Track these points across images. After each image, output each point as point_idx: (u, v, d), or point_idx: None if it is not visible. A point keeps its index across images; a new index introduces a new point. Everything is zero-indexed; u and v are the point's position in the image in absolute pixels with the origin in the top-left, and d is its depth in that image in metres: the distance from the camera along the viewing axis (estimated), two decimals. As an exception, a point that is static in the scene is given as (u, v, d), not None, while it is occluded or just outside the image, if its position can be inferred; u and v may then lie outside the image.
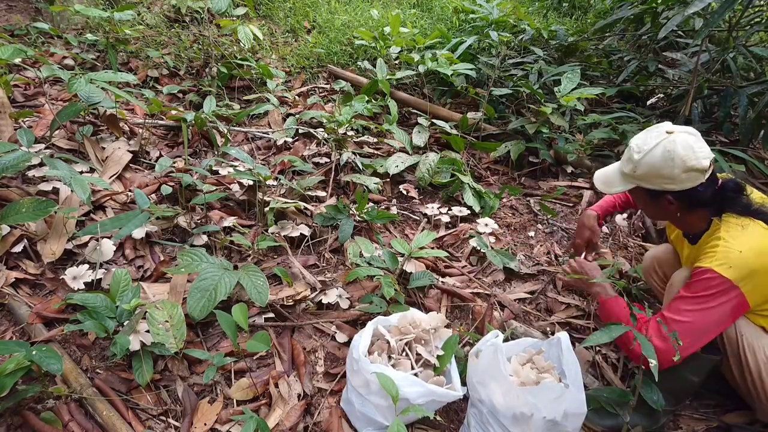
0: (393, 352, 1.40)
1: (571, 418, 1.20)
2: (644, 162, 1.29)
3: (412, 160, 2.48)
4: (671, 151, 1.25)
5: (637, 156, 1.30)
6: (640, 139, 1.32)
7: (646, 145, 1.29)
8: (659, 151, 1.26)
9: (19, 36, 2.64)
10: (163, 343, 1.30)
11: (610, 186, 1.43)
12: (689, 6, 2.09)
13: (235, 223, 1.93)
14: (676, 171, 1.25)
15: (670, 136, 1.27)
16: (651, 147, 1.28)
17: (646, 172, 1.30)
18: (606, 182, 1.45)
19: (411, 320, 1.45)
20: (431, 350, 1.42)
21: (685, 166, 1.24)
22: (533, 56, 3.18)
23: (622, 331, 1.21)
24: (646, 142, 1.29)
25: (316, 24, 3.50)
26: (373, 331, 1.40)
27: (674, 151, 1.25)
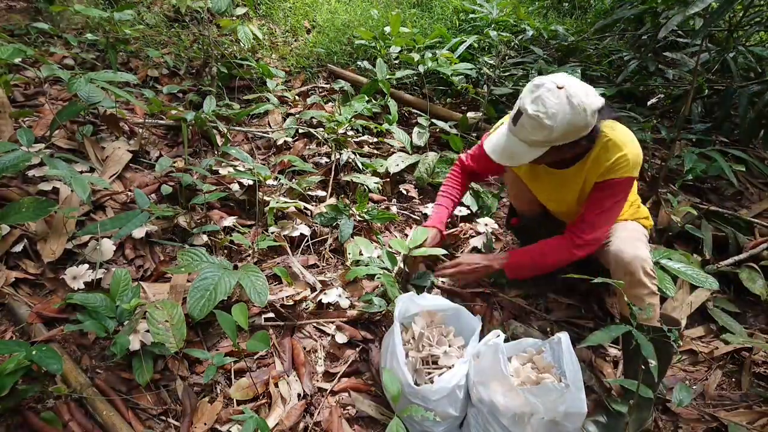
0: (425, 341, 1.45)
1: (572, 418, 1.20)
2: (558, 124, 1.27)
3: (412, 159, 2.48)
4: (579, 103, 1.27)
5: (549, 122, 1.27)
6: (539, 105, 1.28)
7: (551, 108, 1.26)
8: (568, 108, 1.26)
9: (19, 36, 2.63)
10: (163, 342, 1.30)
11: (519, 158, 1.39)
12: (690, 6, 2.09)
13: (235, 222, 1.93)
14: (588, 118, 1.29)
15: (565, 90, 1.27)
16: (558, 107, 1.26)
17: (563, 132, 1.29)
18: (511, 156, 1.39)
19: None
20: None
21: (593, 109, 1.29)
22: (533, 56, 3.18)
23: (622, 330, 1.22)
24: (549, 105, 1.26)
25: (316, 24, 3.50)
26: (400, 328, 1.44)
27: (582, 102, 1.27)
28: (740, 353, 1.83)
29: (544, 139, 1.31)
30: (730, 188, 2.68)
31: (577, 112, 1.27)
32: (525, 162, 1.40)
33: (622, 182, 1.43)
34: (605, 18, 3.39)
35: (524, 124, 1.31)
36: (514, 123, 1.34)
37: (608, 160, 1.41)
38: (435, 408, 1.28)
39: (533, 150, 1.35)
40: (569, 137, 1.32)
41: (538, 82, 1.31)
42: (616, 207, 1.48)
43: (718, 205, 2.52)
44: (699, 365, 1.80)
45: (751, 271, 2.02)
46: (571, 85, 1.28)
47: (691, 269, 1.59)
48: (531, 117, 1.28)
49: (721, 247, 2.24)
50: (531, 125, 1.30)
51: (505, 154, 1.40)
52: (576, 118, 1.27)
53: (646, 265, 1.43)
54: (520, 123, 1.32)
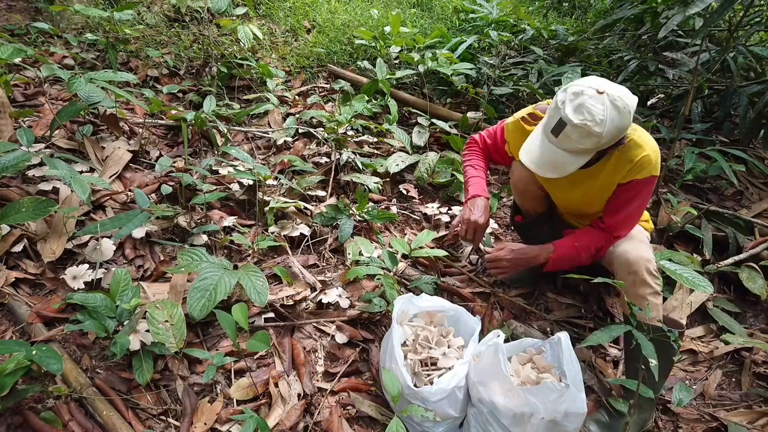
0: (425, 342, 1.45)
1: (572, 418, 1.20)
2: (608, 129, 1.25)
3: (412, 159, 2.48)
4: (624, 106, 1.26)
5: (598, 129, 1.25)
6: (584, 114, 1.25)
7: (599, 115, 1.25)
8: (615, 112, 1.25)
9: (18, 36, 2.63)
10: (163, 342, 1.30)
11: (566, 168, 1.35)
12: (690, 6, 2.09)
13: (235, 222, 1.93)
14: (630, 118, 1.29)
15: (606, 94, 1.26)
16: (605, 113, 1.25)
17: (612, 136, 1.28)
18: (557, 168, 1.36)
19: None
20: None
21: (633, 108, 1.29)
22: (533, 56, 3.18)
23: (622, 330, 1.22)
24: (595, 112, 1.25)
25: (316, 23, 3.50)
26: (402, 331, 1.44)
27: (626, 104, 1.27)
28: (740, 353, 1.83)
29: (593, 146, 1.29)
30: (730, 188, 2.69)
31: (623, 114, 1.25)
32: (572, 171, 1.35)
33: (647, 181, 1.44)
34: (605, 18, 3.39)
35: (569, 135, 1.28)
36: (556, 134, 1.31)
37: (631, 160, 1.41)
38: (435, 409, 1.28)
39: (579, 158, 1.33)
40: (615, 140, 1.31)
41: (576, 89, 1.28)
42: (642, 205, 1.52)
43: (718, 204, 2.52)
44: (699, 365, 1.81)
45: (751, 271, 2.02)
46: (610, 88, 1.27)
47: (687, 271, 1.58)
48: (578, 126, 1.25)
49: (721, 247, 2.24)
50: (578, 134, 1.27)
51: (548, 166, 1.37)
52: (623, 120, 1.26)
53: (650, 265, 1.45)
54: (564, 134, 1.29)
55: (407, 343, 1.48)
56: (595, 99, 1.25)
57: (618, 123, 1.26)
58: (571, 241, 1.59)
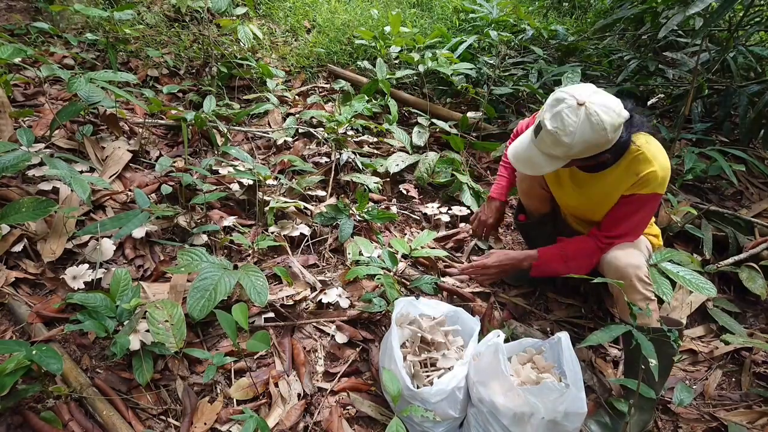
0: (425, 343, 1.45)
1: (572, 418, 1.20)
2: (577, 141, 1.26)
3: (412, 159, 2.48)
4: (599, 122, 1.25)
5: (567, 139, 1.26)
6: (558, 122, 1.27)
7: (570, 126, 1.25)
8: (587, 126, 1.25)
9: (18, 35, 2.63)
10: (163, 342, 1.30)
11: (540, 169, 1.39)
12: (690, 6, 2.09)
13: (235, 222, 1.93)
14: (609, 136, 1.27)
15: (587, 107, 1.25)
16: (577, 126, 1.25)
17: (582, 149, 1.29)
18: (532, 167, 1.40)
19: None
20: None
21: (614, 127, 1.27)
22: (533, 56, 3.18)
23: (622, 330, 1.22)
24: (567, 123, 1.25)
25: (316, 23, 3.50)
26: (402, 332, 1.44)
27: (602, 121, 1.25)
28: (740, 353, 1.83)
29: (562, 155, 1.32)
30: (730, 188, 2.69)
31: (595, 130, 1.25)
32: (545, 172, 1.41)
33: (649, 198, 1.43)
34: (605, 18, 3.39)
35: (544, 138, 1.32)
36: (536, 135, 1.35)
37: (637, 173, 1.41)
38: (435, 409, 1.28)
39: (552, 162, 1.36)
40: (588, 152, 1.32)
41: (559, 95, 1.29)
42: (643, 221, 1.50)
43: (718, 204, 2.52)
44: (699, 365, 1.80)
45: (751, 271, 2.02)
46: (593, 102, 1.26)
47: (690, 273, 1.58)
48: (549, 132, 1.29)
49: (721, 247, 2.24)
50: (550, 140, 1.30)
51: (526, 163, 1.41)
52: (595, 136, 1.26)
53: (639, 272, 1.43)
54: (540, 136, 1.33)
55: (407, 345, 1.48)
56: (571, 110, 1.26)
57: (588, 138, 1.26)
58: (558, 249, 1.58)
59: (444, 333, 1.49)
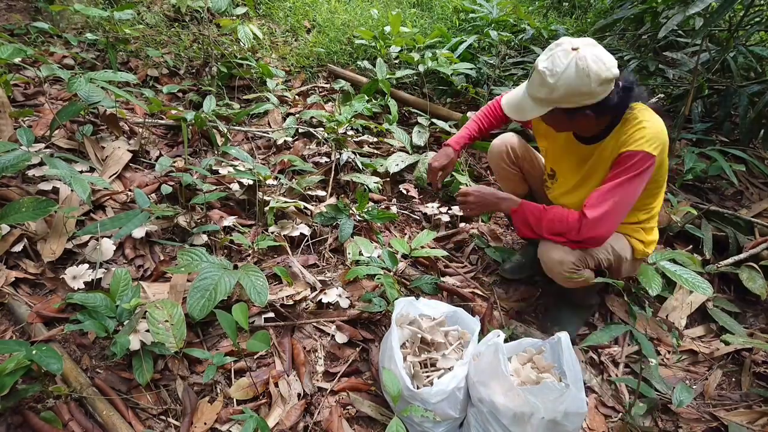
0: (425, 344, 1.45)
1: (572, 418, 1.20)
2: (560, 84, 1.28)
3: (412, 159, 2.48)
4: (585, 68, 1.26)
5: (551, 80, 1.28)
6: (548, 62, 1.30)
7: (557, 67, 1.27)
8: (572, 70, 1.26)
9: (18, 35, 2.63)
10: (163, 342, 1.29)
11: (524, 113, 1.42)
12: (690, 6, 2.09)
13: (235, 222, 1.93)
14: (593, 86, 1.27)
15: (578, 52, 1.27)
16: (563, 68, 1.27)
17: (563, 94, 1.30)
18: (519, 110, 1.43)
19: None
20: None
21: (600, 78, 1.27)
22: (533, 55, 3.18)
23: (622, 330, 1.22)
24: (556, 64, 1.28)
25: (316, 23, 3.50)
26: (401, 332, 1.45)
27: (588, 67, 1.26)
28: (740, 353, 1.83)
29: (545, 97, 1.33)
30: (730, 188, 2.68)
31: (580, 76, 1.26)
32: (529, 118, 1.42)
33: (635, 155, 1.34)
34: (605, 17, 3.39)
35: (533, 80, 1.35)
36: (529, 78, 1.39)
37: (626, 132, 1.39)
38: (435, 410, 1.28)
39: (537, 107, 1.38)
40: (570, 101, 1.31)
41: (560, 41, 1.32)
42: (628, 187, 1.37)
43: (718, 204, 2.52)
44: (699, 365, 1.80)
45: (751, 271, 2.02)
46: (586, 51, 1.27)
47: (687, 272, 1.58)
48: (538, 72, 1.31)
49: (721, 247, 2.24)
50: (537, 81, 1.33)
51: (514, 107, 1.45)
52: (578, 81, 1.27)
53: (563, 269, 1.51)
54: (530, 78, 1.37)
55: (407, 345, 1.48)
56: (564, 53, 1.28)
57: (572, 82, 1.27)
58: (541, 206, 1.53)
59: (444, 333, 1.49)
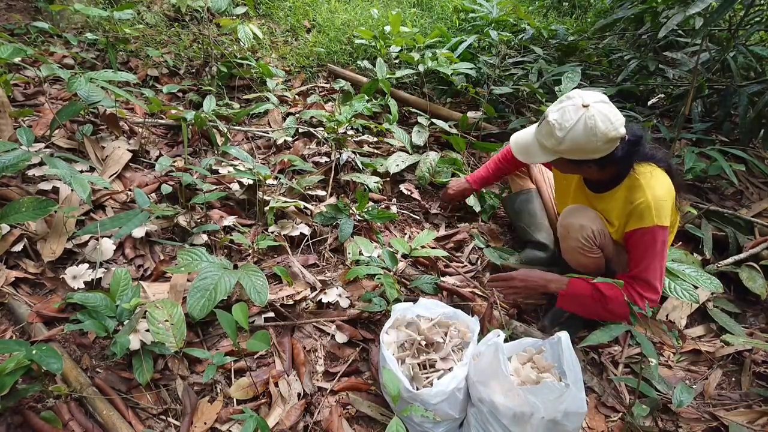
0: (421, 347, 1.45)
1: (572, 417, 1.20)
2: (567, 139, 1.33)
3: (412, 159, 2.48)
4: (593, 127, 1.30)
5: (559, 133, 1.33)
6: (558, 115, 1.34)
7: (567, 122, 1.32)
8: (581, 127, 1.31)
9: (18, 35, 2.63)
10: (163, 342, 1.30)
11: (532, 157, 1.48)
12: (690, 6, 2.09)
13: (235, 222, 1.93)
14: (598, 144, 1.32)
15: (588, 110, 1.31)
16: (572, 124, 1.31)
17: (569, 148, 1.35)
18: (526, 153, 1.50)
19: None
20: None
21: (607, 138, 1.31)
22: (533, 55, 3.18)
23: (622, 330, 1.22)
24: (566, 119, 1.32)
25: (316, 23, 3.50)
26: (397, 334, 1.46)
27: (595, 126, 1.30)
28: (740, 353, 1.83)
29: (552, 147, 1.39)
30: (730, 188, 2.68)
31: (589, 134, 1.31)
32: (536, 162, 1.55)
33: (650, 231, 1.43)
34: (605, 17, 3.39)
35: (542, 128, 1.41)
36: (539, 124, 1.44)
37: (632, 202, 1.45)
38: (435, 410, 1.28)
39: (543, 153, 1.44)
40: (575, 155, 1.38)
41: (572, 94, 1.37)
42: (658, 257, 1.45)
43: (718, 204, 2.52)
44: (699, 365, 1.80)
45: (751, 271, 2.02)
46: (596, 109, 1.31)
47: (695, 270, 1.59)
48: (548, 123, 1.37)
49: (721, 247, 2.24)
50: (546, 131, 1.39)
51: (520, 148, 1.52)
52: (585, 139, 1.32)
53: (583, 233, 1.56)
54: (541, 125, 1.42)
55: (405, 346, 1.47)
56: (575, 108, 1.33)
57: (578, 138, 1.32)
58: (590, 285, 1.52)
59: (443, 334, 1.49)
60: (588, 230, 1.54)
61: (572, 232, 1.57)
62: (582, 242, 1.56)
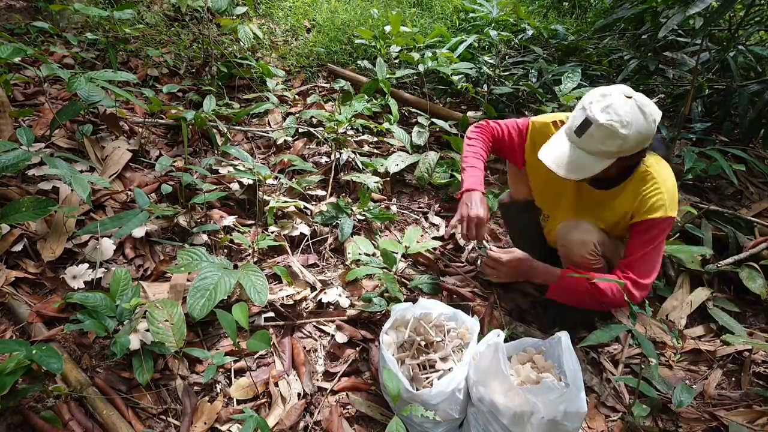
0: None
1: (572, 417, 1.20)
2: (633, 133, 1.25)
3: (412, 159, 2.48)
4: (649, 113, 1.26)
5: (624, 131, 1.24)
6: (611, 114, 1.25)
7: (626, 116, 1.24)
8: (641, 117, 1.25)
9: (18, 35, 2.63)
10: (163, 342, 1.30)
11: (587, 170, 1.33)
12: (690, 6, 2.09)
13: (234, 222, 1.93)
14: (653, 127, 1.28)
15: (634, 99, 1.27)
16: (632, 117, 1.25)
17: (636, 142, 1.27)
18: (581, 169, 1.33)
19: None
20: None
21: (656, 120, 1.28)
22: (533, 55, 3.18)
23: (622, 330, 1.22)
24: (622, 114, 1.24)
25: (316, 23, 3.50)
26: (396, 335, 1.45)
27: (651, 112, 1.27)
28: (740, 353, 1.83)
29: (616, 149, 1.27)
30: (730, 187, 2.68)
31: (648, 121, 1.26)
32: (591, 174, 1.33)
33: (659, 223, 1.40)
34: (605, 17, 3.39)
35: (594, 134, 1.27)
36: (580, 134, 1.30)
37: (644, 194, 1.40)
38: (435, 410, 1.28)
39: (601, 161, 1.31)
40: (638, 148, 1.30)
41: (604, 92, 1.29)
42: (657, 249, 1.44)
43: (718, 204, 2.52)
44: (699, 364, 1.81)
45: (751, 271, 2.02)
46: (637, 95, 1.28)
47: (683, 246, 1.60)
48: (603, 126, 1.25)
49: (721, 247, 2.24)
50: (603, 134, 1.26)
51: (571, 167, 1.34)
52: (648, 127, 1.26)
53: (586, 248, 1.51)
54: (588, 134, 1.28)
55: (405, 347, 1.47)
56: (623, 102, 1.25)
57: (643, 128, 1.25)
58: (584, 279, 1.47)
59: (442, 334, 1.49)
60: (590, 245, 1.50)
61: (575, 249, 1.52)
62: (587, 257, 1.52)
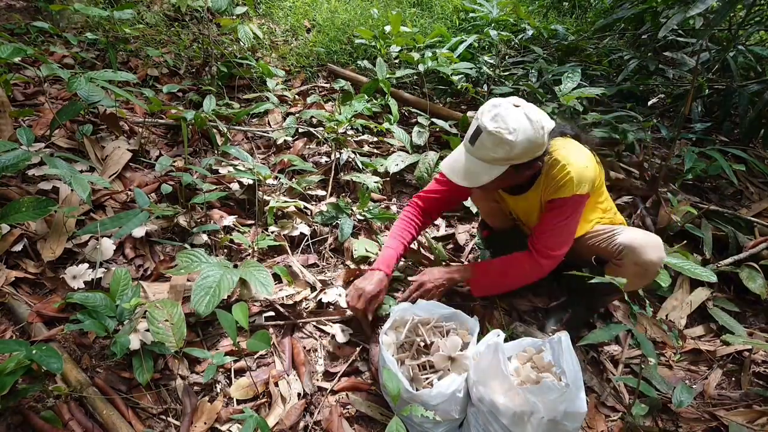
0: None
1: (572, 417, 1.20)
2: (520, 140, 1.28)
3: (412, 159, 2.48)
4: (536, 120, 1.30)
5: (511, 137, 1.27)
6: (498, 122, 1.28)
7: (513, 124, 1.28)
8: (527, 123, 1.29)
9: (18, 35, 2.63)
10: (163, 342, 1.30)
11: (480, 178, 1.36)
12: (691, 7, 2.09)
13: (234, 222, 1.93)
14: (545, 136, 1.32)
15: (522, 108, 1.30)
16: (518, 124, 1.28)
17: (524, 149, 1.30)
18: (472, 177, 1.37)
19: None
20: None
21: (545, 128, 1.32)
22: (533, 55, 3.18)
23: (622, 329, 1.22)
24: (508, 122, 1.28)
25: (316, 23, 3.50)
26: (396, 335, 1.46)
27: (537, 119, 1.30)
28: (740, 353, 1.83)
29: (504, 156, 1.31)
30: (730, 187, 2.69)
31: (536, 128, 1.30)
32: (484, 182, 1.36)
33: (569, 200, 1.43)
34: (605, 17, 3.40)
35: (484, 142, 1.31)
36: (472, 142, 1.34)
37: (554, 178, 1.43)
38: (435, 410, 1.28)
39: (493, 169, 1.35)
40: (528, 155, 1.33)
41: (495, 102, 1.33)
42: (569, 223, 1.48)
43: (718, 204, 2.52)
44: (699, 364, 1.81)
45: (751, 271, 2.02)
46: (527, 105, 1.32)
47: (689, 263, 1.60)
48: (492, 133, 1.29)
49: (721, 247, 2.24)
50: (492, 142, 1.30)
51: (464, 174, 1.39)
52: (535, 134, 1.30)
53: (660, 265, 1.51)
54: (479, 141, 1.32)
55: (405, 348, 1.47)
56: (510, 110, 1.30)
57: (530, 135, 1.29)
58: (490, 262, 1.56)
59: (442, 335, 1.49)
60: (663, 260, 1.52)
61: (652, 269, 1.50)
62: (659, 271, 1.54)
